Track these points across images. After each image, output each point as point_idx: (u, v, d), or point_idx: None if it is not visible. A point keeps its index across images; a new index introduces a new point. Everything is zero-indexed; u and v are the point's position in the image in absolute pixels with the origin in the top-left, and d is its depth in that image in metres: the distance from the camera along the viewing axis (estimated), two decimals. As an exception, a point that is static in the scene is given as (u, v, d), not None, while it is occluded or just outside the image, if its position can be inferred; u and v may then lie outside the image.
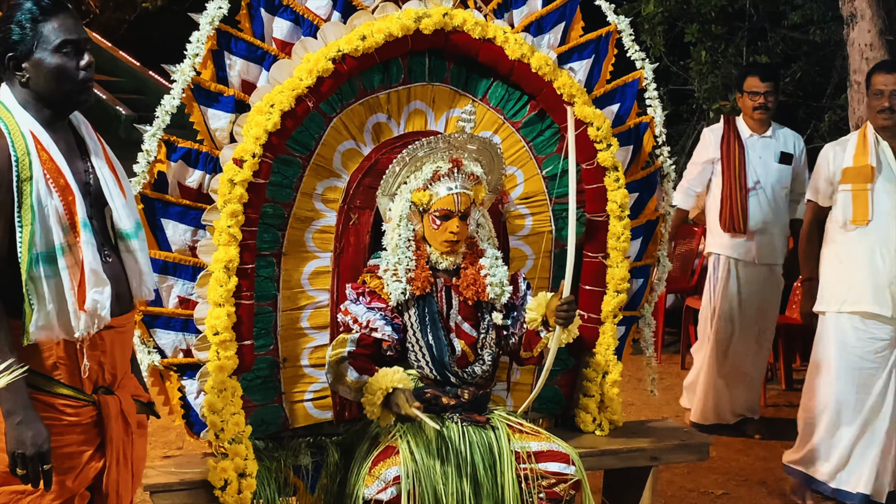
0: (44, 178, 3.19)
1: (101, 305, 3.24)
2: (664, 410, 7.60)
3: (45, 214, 3.17)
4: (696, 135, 12.36)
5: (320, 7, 4.48)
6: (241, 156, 4.17)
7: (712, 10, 10.98)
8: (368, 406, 4.13)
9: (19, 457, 3.13)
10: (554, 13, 4.88)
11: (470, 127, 4.47)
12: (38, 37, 3.25)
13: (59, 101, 3.31)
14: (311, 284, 4.54)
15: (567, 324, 4.39)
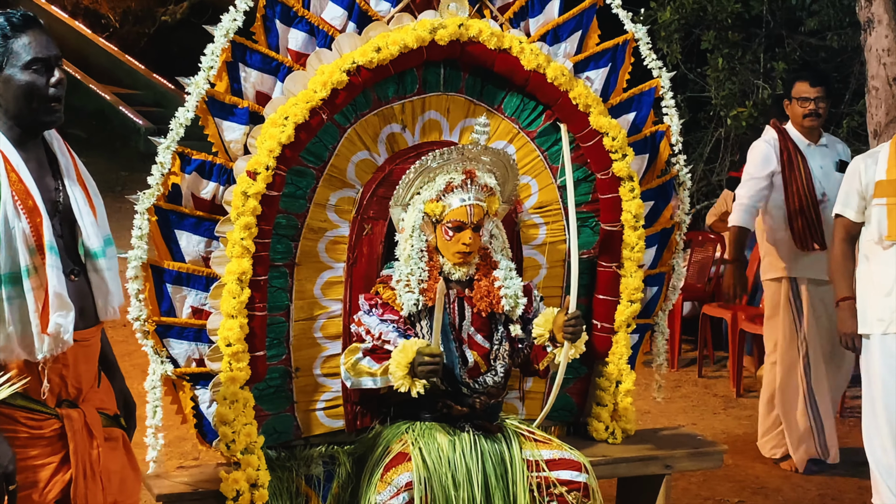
0: (12, 199, 3.16)
1: (65, 329, 3.21)
2: (680, 419, 7.59)
3: (11, 236, 3.15)
4: (713, 142, 12.36)
5: (335, 18, 4.48)
6: (254, 168, 4.17)
7: (729, 17, 10.96)
8: (397, 379, 4.17)
9: None
10: (570, 22, 4.88)
11: (484, 139, 4.47)
12: (7, 53, 3.23)
13: (28, 119, 3.28)
14: (324, 294, 4.55)
15: (574, 339, 4.40)
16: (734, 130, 11.49)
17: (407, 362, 4.15)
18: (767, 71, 11.31)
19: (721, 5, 10.90)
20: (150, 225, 4.18)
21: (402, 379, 4.17)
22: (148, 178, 4.20)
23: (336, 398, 4.63)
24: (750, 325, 8.20)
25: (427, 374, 4.15)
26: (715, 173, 12.29)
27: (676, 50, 11.35)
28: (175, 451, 6.34)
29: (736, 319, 8.35)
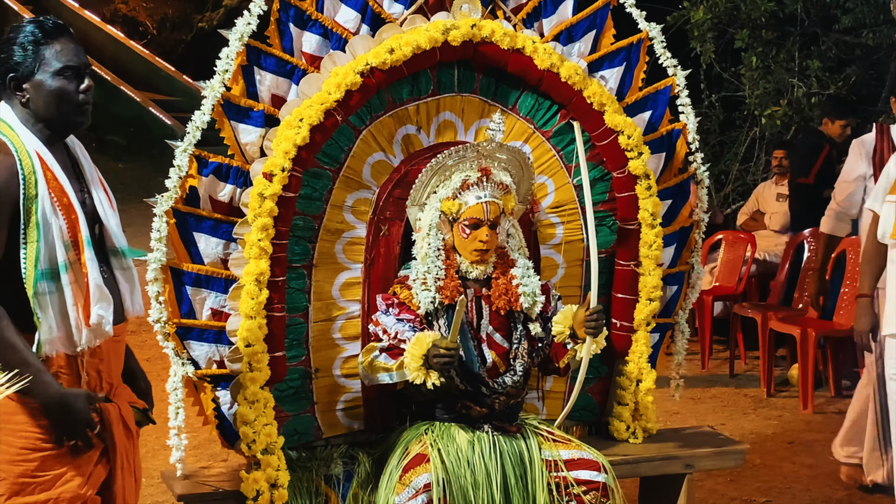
0: (49, 196, 3.28)
1: (106, 320, 3.37)
2: (709, 419, 7.55)
3: (49, 232, 3.27)
4: (748, 141, 12.31)
5: (349, 21, 4.52)
6: (270, 170, 4.22)
7: (763, 16, 10.91)
8: (412, 371, 4.19)
9: (68, 435, 3.30)
10: (584, 21, 4.89)
11: (499, 136, 4.49)
12: (39, 59, 3.35)
13: (57, 123, 3.40)
14: (343, 295, 4.58)
15: (596, 334, 4.40)
16: (769, 129, 11.43)
17: (421, 354, 4.17)
18: (802, 69, 11.25)
19: (755, 4, 10.86)
20: (168, 227, 4.22)
21: (417, 371, 4.19)
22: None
23: (356, 399, 4.66)
24: (780, 324, 8.15)
25: (442, 366, 4.16)
26: (750, 173, 12.24)
27: (710, 49, 11.32)
28: (204, 452, 6.39)
29: (766, 319, 8.30)
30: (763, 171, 11.72)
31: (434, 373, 4.17)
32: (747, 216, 10.25)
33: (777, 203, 9.93)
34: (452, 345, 4.16)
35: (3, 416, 3.30)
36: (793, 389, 8.26)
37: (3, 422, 3.31)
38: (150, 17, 23.91)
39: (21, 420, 3.30)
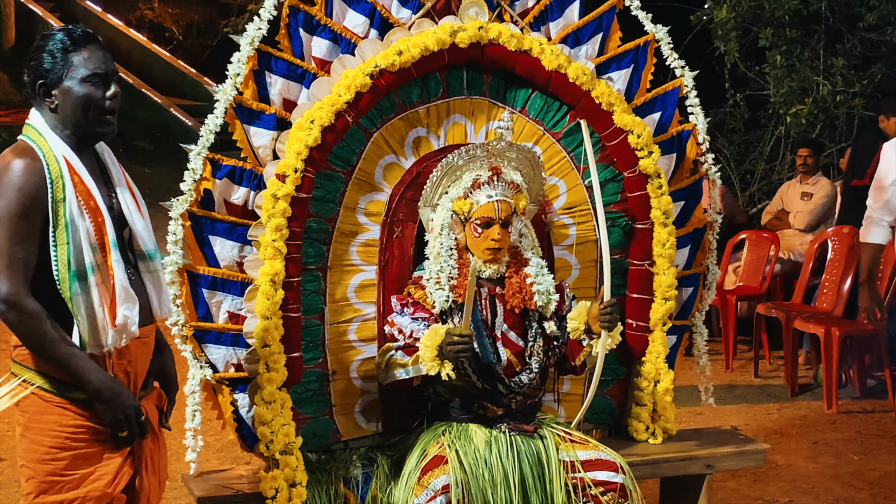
0: (76, 199, 3.35)
1: (132, 321, 3.44)
2: (733, 419, 7.51)
3: (77, 235, 3.34)
4: (773, 140, 12.26)
5: (357, 25, 4.57)
6: (283, 171, 4.26)
7: (786, 14, 10.85)
8: (427, 362, 4.20)
9: (123, 421, 3.40)
10: (591, 24, 4.92)
11: (508, 135, 4.51)
12: (67, 66, 3.42)
13: (84, 128, 3.47)
14: (358, 297, 4.61)
15: (611, 328, 4.41)
16: (794, 128, 11.38)
17: (436, 344, 4.18)
18: (827, 67, 11.19)
19: (778, 2, 10.81)
20: (184, 230, 4.26)
21: (432, 361, 4.20)
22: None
23: (374, 401, 4.68)
24: (804, 324, 8.11)
25: (456, 354, 4.17)
26: (775, 172, 12.18)
27: (734, 48, 11.28)
28: (228, 455, 6.41)
29: (790, 319, 8.26)
30: (788, 170, 11.66)
31: (448, 363, 4.18)
32: (771, 215, 10.19)
33: (801, 202, 9.88)
34: (466, 331, 4.18)
35: (33, 415, 3.40)
36: (817, 390, 8.20)
37: (33, 421, 3.40)
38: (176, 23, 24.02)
39: (51, 420, 3.38)
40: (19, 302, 3.27)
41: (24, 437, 3.43)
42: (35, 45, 3.46)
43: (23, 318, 3.28)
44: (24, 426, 3.42)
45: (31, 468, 3.40)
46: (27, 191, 3.29)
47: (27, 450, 3.41)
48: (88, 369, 3.34)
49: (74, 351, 3.33)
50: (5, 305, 3.27)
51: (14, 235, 3.28)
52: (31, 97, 3.47)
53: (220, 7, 25.54)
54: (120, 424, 3.39)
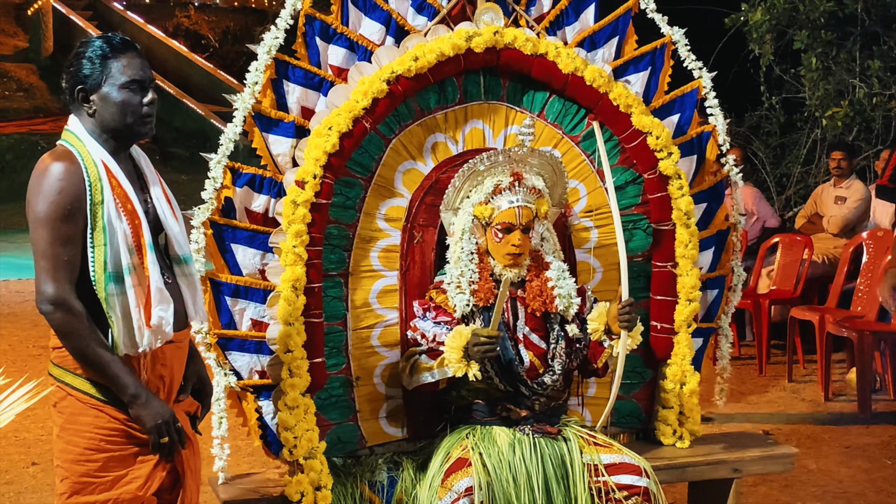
0: (114, 202, 3.42)
1: (166, 322, 3.49)
2: (765, 424, 7.46)
3: (114, 237, 3.41)
4: (809, 143, 12.18)
5: (373, 33, 4.61)
6: (302, 177, 4.30)
7: (822, 16, 10.79)
8: (453, 363, 4.21)
9: (158, 428, 3.44)
10: (607, 28, 4.93)
11: (529, 140, 4.51)
12: (106, 72, 3.48)
13: (122, 133, 3.53)
14: (380, 303, 4.63)
15: (631, 327, 4.40)
16: (830, 131, 11.31)
17: (461, 345, 4.20)
18: (863, 69, 11.12)
19: (813, 4, 10.76)
20: (205, 238, 4.28)
21: (458, 363, 4.20)
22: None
23: (398, 407, 4.70)
24: (837, 328, 8.05)
25: (482, 355, 4.18)
26: (811, 175, 12.11)
27: (769, 51, 11.23)
28: (258, 459, 6.43)
29: (823, 322, 8.20)
30: (825, 174, 11.58)
31: (475, 364, 4.19)
32: (805, 219, 10.12)
33: (835, 206, 9.81)
34: (494, 332, 4.20)
35: (70, 416, 3.47)
36: (851, 393, 8.13)
37: (70, 422, 3.47)
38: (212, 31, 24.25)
39: (86, 421, 3.44)
40: (66, 302, 3.33)
41: (60, 438, 3.48)
42: (74, 51, 3.54)
43: (68, 319, 3.34)
44: (60, 427, 3.48)
45: (65, 468, 3.46)
46: (68, 193, 3.36)
47: (62, 450, 3.47)
48: (126, 374, 3.40)
49: (114, 356, 3.39)
50: (52, 306, 3.33)
51: (58, 237, 3.35)
52: (70, 102, 3.55)
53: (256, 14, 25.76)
54: (161, 430, 3.44)
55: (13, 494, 6.26)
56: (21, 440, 7.17)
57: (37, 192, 3.36)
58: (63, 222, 3.35)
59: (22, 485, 6.38)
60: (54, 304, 3.32)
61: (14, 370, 7.55)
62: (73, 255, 3.36)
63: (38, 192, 3.36)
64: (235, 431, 4.53)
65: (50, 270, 3.33)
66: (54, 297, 3.32)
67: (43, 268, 3.34)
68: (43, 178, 3.36)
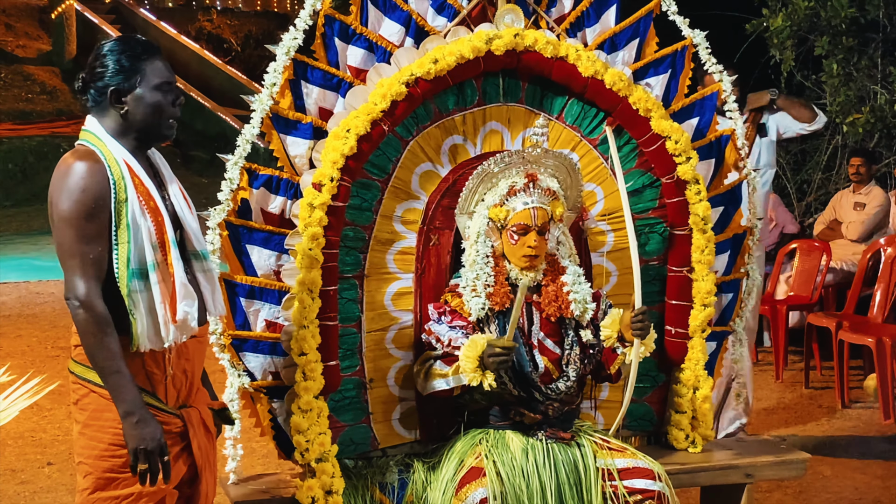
0: (137, 200, 3.46)
1: (192, 317, 3.54)
2: (781, 430, 7.44)
3: (139, 234, 3.44)
4: (830, 150, 12.13)
5: (393, 34, 4.59)
6: (319, 180, 4.29)
7: (843, 22, 10.72)
8: (468, 373, 4.20)
9: (141, 452, 3.39)
10: (627, 30, 4.91)
11: (544, 141, 4.51)
12: (140, 74, 3.53)
13: (150, 133, 3.59)
14: (395, 305, 4.63)
15: (644, 335, 4.39)
16: (851, 137, 11.25)
17: (476, 355, 4.18)
18: (885, 76, 11.06)
19: (835, 10, 10.69)
20: (221, 239, 4.30)
21: (474, 372, 4.20)
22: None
23: (411, 409, 4.69)
24: (851, 335, 8.01)
25: (498, 365, 4.17)
26: (832, 182, 12.06)
27: (790, 57, 11.17)
28: (272, 461, 6.44)
29: (841, 328, 8.17)
30: (845, 181, 11.52)
31: (490, 373, 4.18)
32: (824, 225, 10.09)
33: (854, 212, 9.78)
34: (509, 343, 4.18)
35: (93, 413, 3.49)
36: (869, 400, 8.10)
37: (93, 419, 3.49)
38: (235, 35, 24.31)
39: (110, 417, 3.45)
40: (92, 302, 3.36)
41: (82, 435, 3.51)
42: (99, 52, 3.56)
43: (93, 318, 3.35)
44: (83, 424, 3.50)
45: (89, 465, 3.48)
46: (92, 192, 3.38)
47: (85, 447, 3.49)
48: (128, 390, 3.38)
49: (122, 368, 3.38)
50: (80, 305, 3.35)
51: (84, 236, 3.38)
52: (95, 103, 3.56)
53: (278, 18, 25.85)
54: (139, 455, 3.40)
55: (29, 494, 6.29)
56: (37, 440, 7.21)
57: (61, 191, 3.39)
58: (88, 221, 3.37)
59: (37, 484, 6.42)
60: (82, 303, 3.35)
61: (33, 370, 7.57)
62: (99, 253, 3.39)
63: (62, 191, 3.38)
64: (250, 433, 4.54)
65: (77, 268, 3.36)
66: (83, 296, 3.35)
67: (71, 266, 3.37)
68: (67, 177, 3.39)
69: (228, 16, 28.02)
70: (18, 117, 22.88)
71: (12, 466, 6.72)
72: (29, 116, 22.98)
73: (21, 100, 23.82)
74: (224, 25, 26.29)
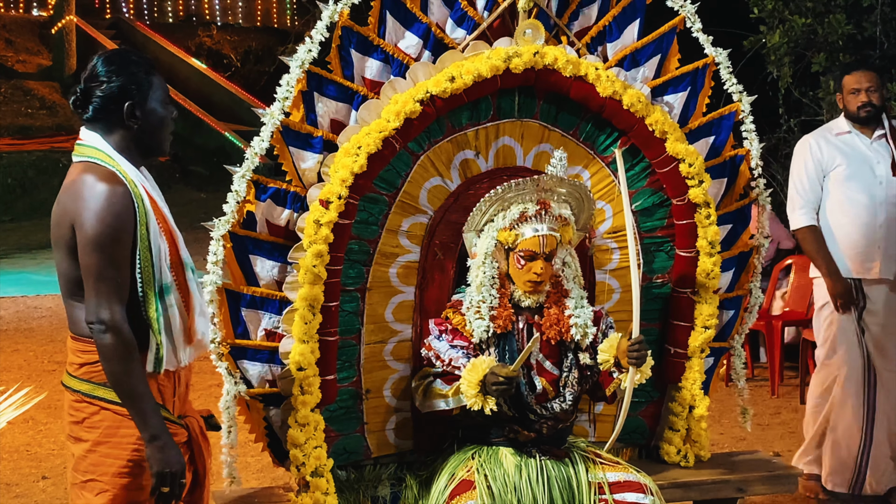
0: (154, 220, 3.43)
1: (207, 336, 3.63)
2: (776, 445, 7.43)
3: (159, 255, 3.43)
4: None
5: (411, 46, 4.51)
6: (327, 197, 4.22)
7: (840, 39, 10.72)
8: (469, 398, 4.19)
9: (168, 475, 3.41)
10: (649, 46, 4.85)
11: (561, 172, 4.46)
12: (151, 88, 3.51)
13: (155, 147, 3.59)
14: (395, 318, 4.59)
15: (639, 364, 4.36)
16: None
17: (478, 380, 4.17)
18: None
19: (832, 27, 10.67)
20: (224, 251, 4.25)
21: (475, 397, 4.19)
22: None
23: (406, 420, 4.68)
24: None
25: (500, 393, 4.16)
26: (830, 197, 12.04)
27: (787, 74, 11.16)
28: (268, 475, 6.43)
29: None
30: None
31: (491, 399, 4.17)
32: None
33: (848, 228, 9.76)
34: (513, 374, 4.16)
35: (107, 430, 3.47)
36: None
37: (107, 436, 3.47)
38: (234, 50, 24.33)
39: (126, 433, 3.45)
40: (120, 328, 3.34)
41: (93, 452, 3.47)
42: (107, 66, 3.49)
43: (121, 343, 3.34)
44: (93, 441, 3.47)
45: (105, 482, 3.46)
46: (120, 216, 3.35)
47: (97, 464, 3.46)
48: (154, 413, 3.40)
49: (148, 392, 3.39)
50: (107, 329, 3.33)
51: (114, 260, 3.35)
52: (102, 116, 3.50)
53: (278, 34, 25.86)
54: (165, 479, 3.41)
55: (23, 508, 6.30)
56: (32, 454, 7.19)
57: (89, 215, 3.33)
58: (116, 245, 3.35)
59: (32, 498, 6.39)
60: (111, 328, 3.32)
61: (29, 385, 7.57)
62: (124, 278, 3.37)
63: (90, 215, 3.33)
64: (246, 447, 4.53)
65: (105, 293, 3.33)
66: (110, 321, 3.32)
67: (99, 290, 3.33)
68: (95, 199, 3.34)
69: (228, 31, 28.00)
70: (18, 132, 22.84)
71: (7, 480, 6.69)
72: (29, 131, 22.94)
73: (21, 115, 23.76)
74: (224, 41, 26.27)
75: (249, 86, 22.14)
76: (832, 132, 6.23)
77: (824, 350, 6.23)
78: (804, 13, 10.72)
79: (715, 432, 7.40)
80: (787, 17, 10.79)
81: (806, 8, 10.72)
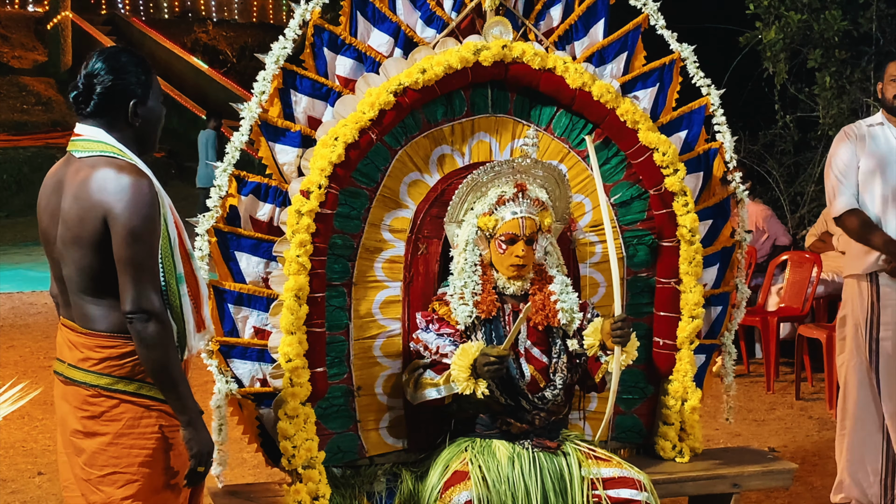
0: (170, 212, 3.50)
1: (211, 325, 3.68)
2: (772, 441, 7.44)
3: (175, 246, 3.50)
4: (823, 162, 12.14)
5: (382, 45, 4.63)
6: (307, 187, 4.31)
7: (836, 35, 10.74)
8: (460, 382, 4.22)
9: (206, 456, 3.52)
10: (616, 43, 4.93)
11: (534, 151, 4.52)
12: (150, 86, 3.56)
13: (150, 144, 3.64)
14: (383, 313, 4.64)
15: (624, 342, 4.39)
16: None
17: (468, 363, 4.20)
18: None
19: (828, 23, 10.70)
20: (209, 246, 4.31)
21: (466, 381, 4.21)
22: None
23: (399, 417, 4.71)
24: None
25: (491, 374, 4.19)
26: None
27: (783, 70, 11.18)
28: (263, 472, 6.44)
29: (831, 339, 8.18)
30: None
31: (483, 382, 4.19)
32: (815, 237, 10.07)
33: (845, 224, 9.76)
34: (504, 352, 4.19)
35: (129, 421, 3.49)
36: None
37: (129, 427, 3.49)
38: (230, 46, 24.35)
39: (150, 423, 3.50)
40: (162, 315, 3.41)
41: (114, 445, 3.48)
42: (110, 64, 3.50)
43: (166, 331, 3.41)
44: (115, 434, 3.48)
45: (131, 473, 3.47)
46: (155, 206, 3.42)
47: (120, 456, 3.48)
48: (190, 397, 3.47)
49: (185, 377, 3.48)
50: (151, 318, 3.37)
51: (153, 251, 3.41)
52: (105, 112, 3.51)
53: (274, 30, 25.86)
54: (202, 459, 3.50)
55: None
56: (28, 450, 7.21)
57: (127, 207, 3.35)
58: (153, 235, 3.41)
59: (28, 494, 6.41)
60: (152, 315, 3.37)
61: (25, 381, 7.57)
62: (158, 268, 3.43)
63: (128, 207, 3.35)
64: (241, 444, 4.53)
65: (147, 283, 3.38)
66: (153, 310, 3.37)
67: (141, 281, 3.36)
68: (129, 193, 3.36)
69: (224, 27, 28.09)
70: (13, 128, 22.93)
71: (3, 476, 6.71)
72: (24, 127, 23.02)
73: (16, 111, 23.86)
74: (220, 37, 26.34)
75: (245, 82, 22.11)
76: (865, 123, 6.19)
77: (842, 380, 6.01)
78: (800, 9, 10.77)
79: (710, 428, 7.41)
80: (782, 13, 10.83)
81: (802, 4, 10.77)
